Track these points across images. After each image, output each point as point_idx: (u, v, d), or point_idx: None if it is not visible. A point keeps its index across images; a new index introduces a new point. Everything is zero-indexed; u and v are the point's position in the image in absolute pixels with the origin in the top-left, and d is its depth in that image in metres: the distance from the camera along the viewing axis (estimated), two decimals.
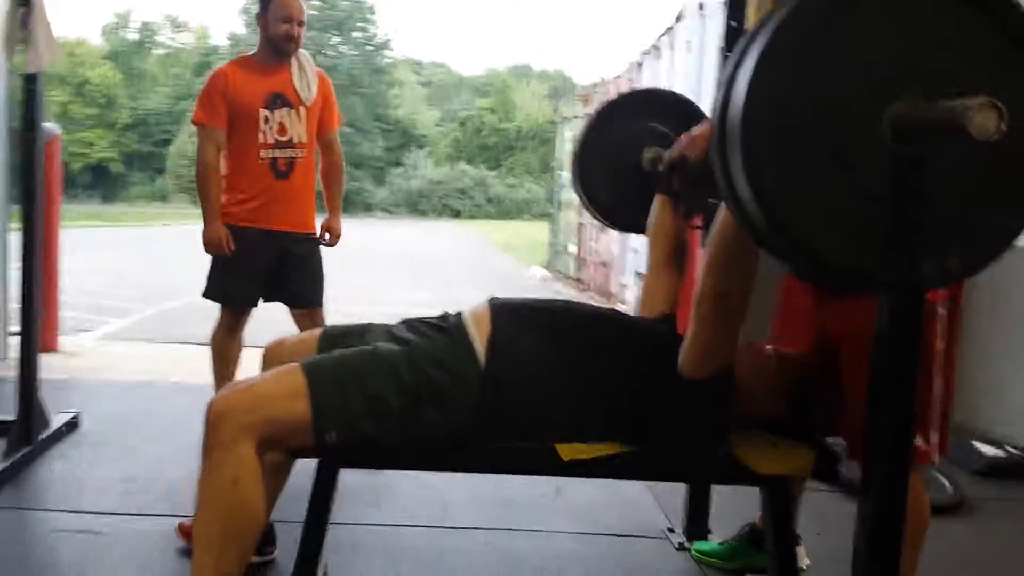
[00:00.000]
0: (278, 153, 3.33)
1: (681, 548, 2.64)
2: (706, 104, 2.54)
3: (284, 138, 3.33)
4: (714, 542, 2.45)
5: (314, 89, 3.40)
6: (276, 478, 2.15)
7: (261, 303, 3.48)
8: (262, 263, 3.38)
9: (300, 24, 3.32)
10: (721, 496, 2.75)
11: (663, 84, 8.09)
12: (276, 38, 3.30)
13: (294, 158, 3.37)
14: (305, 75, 3.39)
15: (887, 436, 1.56)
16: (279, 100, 3.32)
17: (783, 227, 1.30)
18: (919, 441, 1.92)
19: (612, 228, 2.88)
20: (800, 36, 1.29)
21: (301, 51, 3.39)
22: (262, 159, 3.32)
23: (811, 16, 1.29)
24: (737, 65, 1.34)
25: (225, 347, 3.45)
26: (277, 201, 3.36)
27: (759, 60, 1.28)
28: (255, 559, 2.27)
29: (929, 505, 1.99)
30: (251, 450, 1.70)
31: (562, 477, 3.05)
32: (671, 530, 2.76)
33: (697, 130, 2.15)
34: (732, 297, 1.79)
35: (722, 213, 1.74)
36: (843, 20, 1.29)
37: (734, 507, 2.84)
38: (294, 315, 3.51)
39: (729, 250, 1.74)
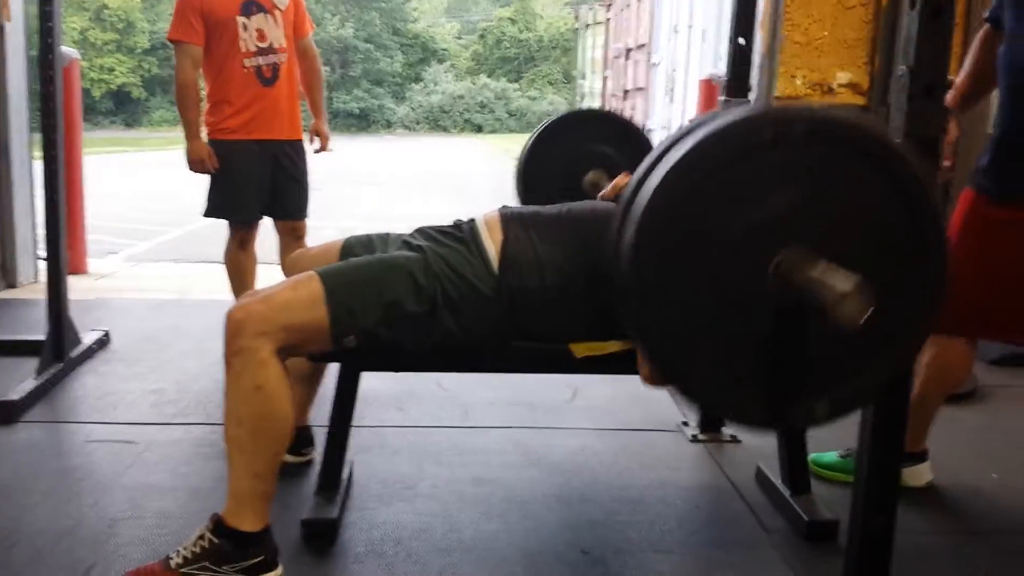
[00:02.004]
0: (261, 60, 3.33)
1: (695, 440, 2.70)
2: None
3: (264, 44, 3.33)
4: (833, 454, 2.41)
5: None
6: (309, 384, 2.23)
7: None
8: (259, 175, 3.41)
9: None
10: None
11: None
12: None
13: (277, 64, 3.37)
14: None
15: None
16: (253, 6, 3.31)
17: (673, 375, 1.41)
18: None
19: None
20: (691, 182, 1.33)
21: None
22: (247, 68, 3.32)
23: (725, 152, 1.33)
24: (646, 173, 1.42)
25: (239, 263, 3.50)
26: (267, 110, 3.37)
27: (652, 200, 1.33)
28: (291, 459, 2.36)
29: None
30: (272, 356, 1.75)
31: (578, 378, 3.15)
32: (685, 423, 2.81)
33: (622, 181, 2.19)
34: None
35: None
36: (745, 164, 1.33)
37: None
38: (280, 227, 3.55)
39: None
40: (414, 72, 44.10)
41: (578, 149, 2.64)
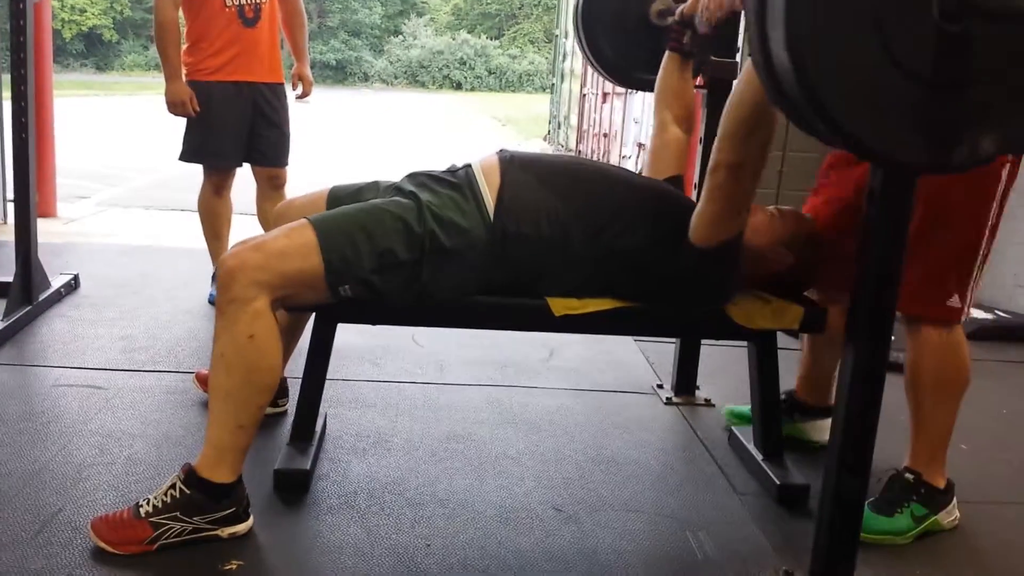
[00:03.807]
0: (243, 0, 3.25)
1: (669, 402, 2.71)
2: None
3: None
4: (746, 408, 2.45)
5: None
6: (289, 335, 2.19)
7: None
8: (238, 118, 3.34)
9: None
10: (708, 354, 2.81)
11: None
12: None
13: (260, 3, 3.29)
14: None
15: (871, 298, 1.58)
16: None
17: (820, 104, 1.27)
18: (956, 300, 1.95)
19: (619, 84, 2.82)
20: None
21: None
22: (229, 7, 3.24)
23: None
24: None
25: (213, 209, 3.45)
26: (247, 51, 3.30)
27: None
28: (268, 410, 2.33)
29: (969, 359, 2.01)
30: (266, 306, 1.72)
31: (555, 338, 3.15)
32: (660, 386, 2.82)
33: None
34: (746, 168, 1.77)
35: (743, 80, 1.70)
36: None
37: (721, 365, 2.92)
38: (258, 174, 3.46)
39: (747, 119, 1.70)
40: (393, 24, 43.49)
41: None
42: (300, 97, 3.60)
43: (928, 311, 1.96)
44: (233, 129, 3.34)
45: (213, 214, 3.46)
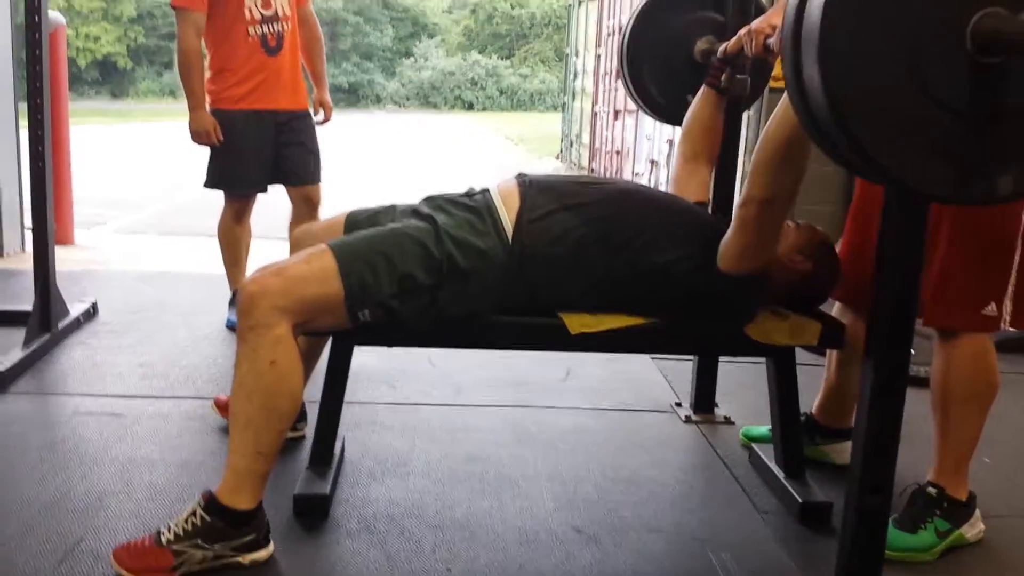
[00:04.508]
0: (266, 29, 3.28)
1: (688, 420, 2.69)
2: None
3: (269, 12, 3.28)
4: (764, 428, 2.44)
5: None
6: (307, 360, 2.20)
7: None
8: (262, 145, 3.36)
9: None
10: (727, 371, 2.80)
11: None
12: None
13: (282, 32, 3.31)
14: None
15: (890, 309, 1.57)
16: None
17: (854, 137, 1.27)
18: (993, 309, 1.93)
19: (666, 123, 2.83)
20: None
21: None
22: (251, 36, 3.26)
23: None
24: None
25: (233, 235, 3.46)
26: (270, 80, 3.32)
27: None
28: (288, 434, 2.33)
29: (997, 370, 1.99)
30: (287, 332, 1.73)
31: (572, 357, 3.14)
32: (678, 404, 2.81)
33: (757, 24, 2.09)
34: (777, 203, 1.78)
35: (778, 116, 1.71)
36: None
37: (740, 382, 2.90)
38: (292, 194, 3.48)
39: (783, 152, 1.71)
40: (404, 47, 43.78)
41: (683, 18, 2.54)
42: (321, 123, 3.61)
43: (965, 322, 1.94)
44: (257, 156, 3.35)
45: (232, 240, 3.47)
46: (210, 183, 3.43)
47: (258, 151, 3.36)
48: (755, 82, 2.44)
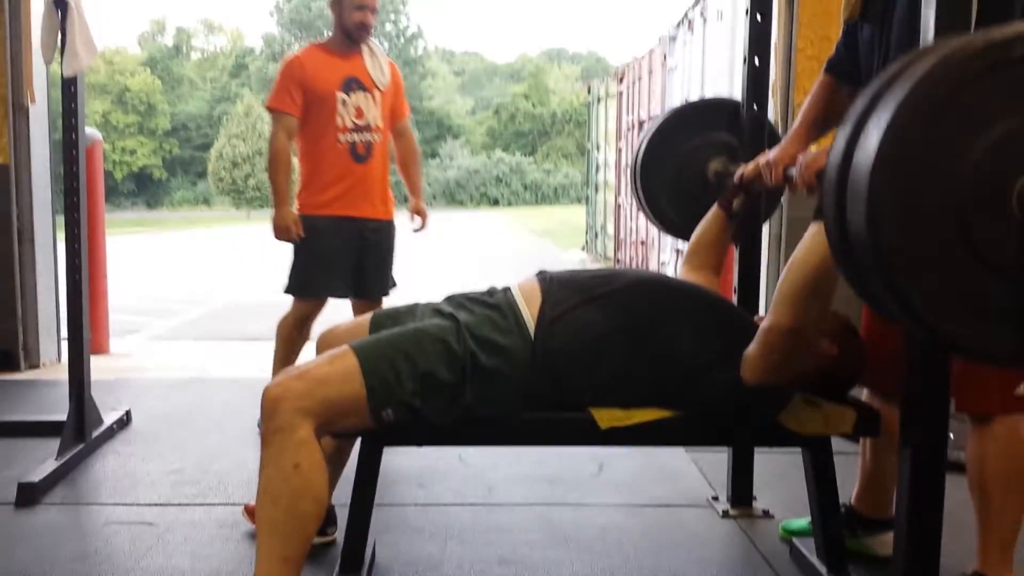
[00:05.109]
0: (356, 137, 3.34)
1: (726, 515, 2.63)
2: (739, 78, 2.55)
3: (362, 122, 3.35)
4: (804, 521, 2.37)
5: (387, 73, 3.43)
6: (335, 462, 2.20)
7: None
8: (345, 252, 3.38)
9: (373, 11, 3.35)
10: (764, 461, 2.74)
11: (696, 57, 8.00)
12: (350, 26, 3.32)
13: (372, 142, 3.38)
14: (377, 60, 3.42)
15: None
16: (355, 84, 3.33)
17: (900, 294, 1.29)
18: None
19: (679, 238, 2.85)
20: (937, 100, 1.25)
21: (370, 37, 3.41)
22: (341, 143, 3.32)
23: (949, 80, 1.25)
24: (865, 116, 1.31)
25: (291, 338, 3.43)
26: (357, 187, 3.36)
27: (894, 121, 1.24)
28: (316, 540, 2.31)
29: None
30: (310, 434, 1.73)
31: (604, 450, 3.09)
32: (715, 498, 2.75)
33: (776, 154, 2.14)
34: (804, 332, 1.79)
35: (806, 246, 1.73)
36: (976, 87, 1.25)
37: (778, 472, 2.84)
38: (356, 306, 3.50)
39: (812, 284, 1.74)
40: (430, 148, 44.85)
41: (696, 140, 2.59)
42: (417, 230, 3.69)
43: (998, 404, 1.90)
44: (339, 262, 3.38)
45: (289, 342, 3.44)
46: (291, 288, 3.41)
47: (340, 258, 3.38)
48: (770, 201, 2.49)
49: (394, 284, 3.59)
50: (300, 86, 3.30)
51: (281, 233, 3.35)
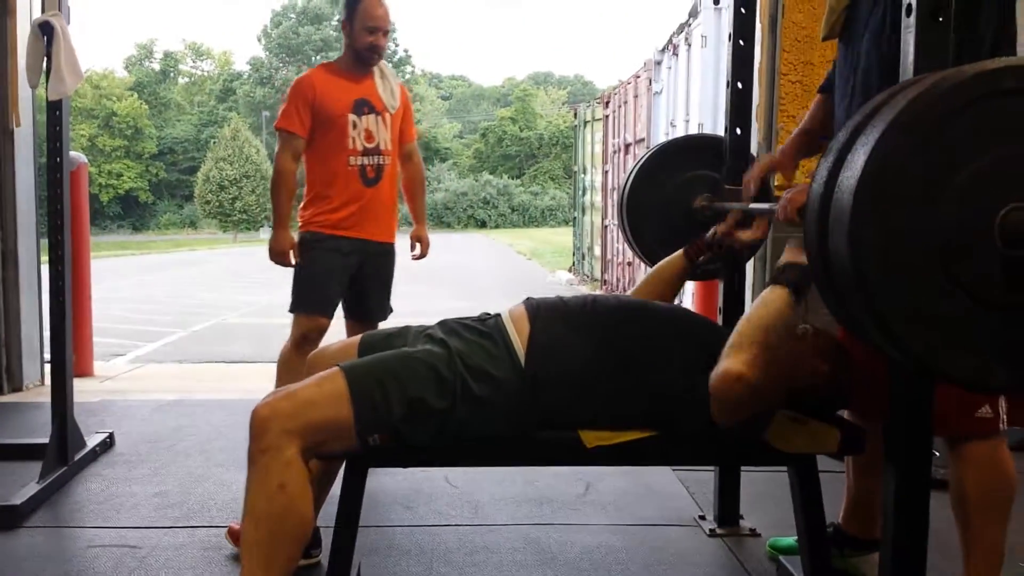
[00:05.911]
0: (366, 160, 3.32)
1: (713, 534, 2.62)
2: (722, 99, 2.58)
3: (371, 144, 3.32)
4: (791, 539, 2.37)
5: (398, 96, 3.41)
6: (322, 483, 2.18)
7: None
8: (345, 270, 3.35)
9: (385, 34, 3.33)
10: (751, 480, 2.74)
11: (681, 81, 8.07)
12: (361, 48, 3.29)
13: (381, 165, 3.35)
14: (388, 83, 3.40)
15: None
16: (366, 106, 3.31)
17: (886, 328, 1.30)
18: (987, 410, 1.91)
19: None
20: (920, 132, 1.26)
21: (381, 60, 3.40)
22: (351, 166, 3.30)
23: (934, 109, 1.27)
24: (848, 144, 1.32)
25: (291, 363, 3.31)
26: (365, 209, 3.33)
27: (879, 146, 1.25)
28: (301, 561, 2.28)
29: (1013, 472, 1.95)
30: (296, 455, 1.72)
31: (591, 470, 3.09)
32: (702, 517, 2.74)
33: (795, 193, 2.17)
34: (767, 390, 1.78)
35: (768, 304, 1.80)
36: (961, 118, 1.27)
37: (765, 491, 2.84)
38: (351, 328, 3.45)
39: (775, 345, 1.76)
40: None
41: (681, 175, 2.63)
42: (416, 257, 3.65)
43: (961, 427, 1.91)
44: (338, 279, 3.34)
45: (290, 368, 3.34)
46: (294, 306, 3.36)
47: (340, 275, 3.34)
48: (754, 244, 2.52)
49: (391, 310, 3.57)
50: (310, 107, 3.26)
51: (277, 257, 3.32)
